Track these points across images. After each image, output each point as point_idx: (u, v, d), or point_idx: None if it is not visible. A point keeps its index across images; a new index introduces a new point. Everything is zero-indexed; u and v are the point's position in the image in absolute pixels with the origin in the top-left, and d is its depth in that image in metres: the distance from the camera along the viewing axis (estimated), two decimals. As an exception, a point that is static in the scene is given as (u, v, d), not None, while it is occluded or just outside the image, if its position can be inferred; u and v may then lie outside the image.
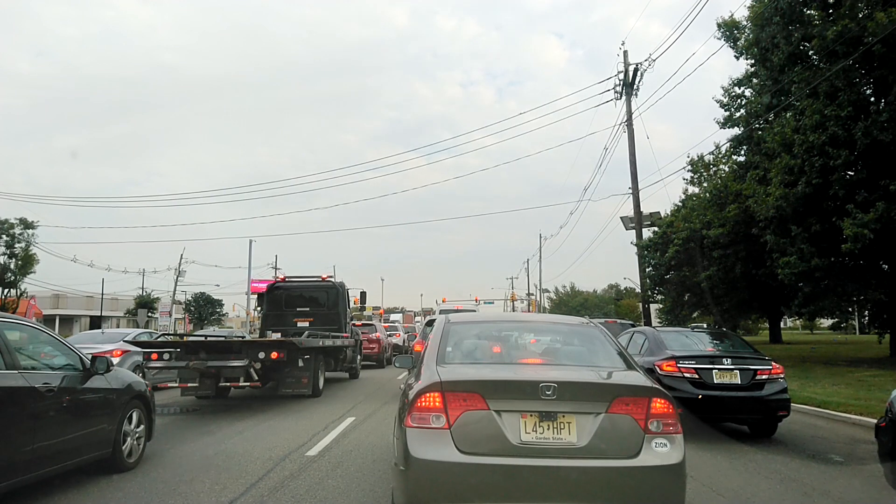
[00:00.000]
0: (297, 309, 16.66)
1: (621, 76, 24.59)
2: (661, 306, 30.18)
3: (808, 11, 18.58)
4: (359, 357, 18.71)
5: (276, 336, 14.23)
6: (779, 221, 18.21)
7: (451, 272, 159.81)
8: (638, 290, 31.60)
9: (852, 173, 18.05)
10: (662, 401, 3.83)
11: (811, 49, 18.61)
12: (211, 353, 11.16)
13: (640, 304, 29.68)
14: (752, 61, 22.34)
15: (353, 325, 19.31)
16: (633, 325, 15.71)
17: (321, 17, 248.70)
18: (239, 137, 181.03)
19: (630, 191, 24.68)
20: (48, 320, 49.78)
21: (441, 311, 21.53)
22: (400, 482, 3.85)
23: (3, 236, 39.18)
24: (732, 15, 22.82)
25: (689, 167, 26.38)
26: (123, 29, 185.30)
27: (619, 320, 19.98)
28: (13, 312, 33.15)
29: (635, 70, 24.02)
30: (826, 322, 48.25)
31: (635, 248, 25.68)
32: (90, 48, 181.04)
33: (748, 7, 20.92)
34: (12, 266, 39.47)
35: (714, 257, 22.74)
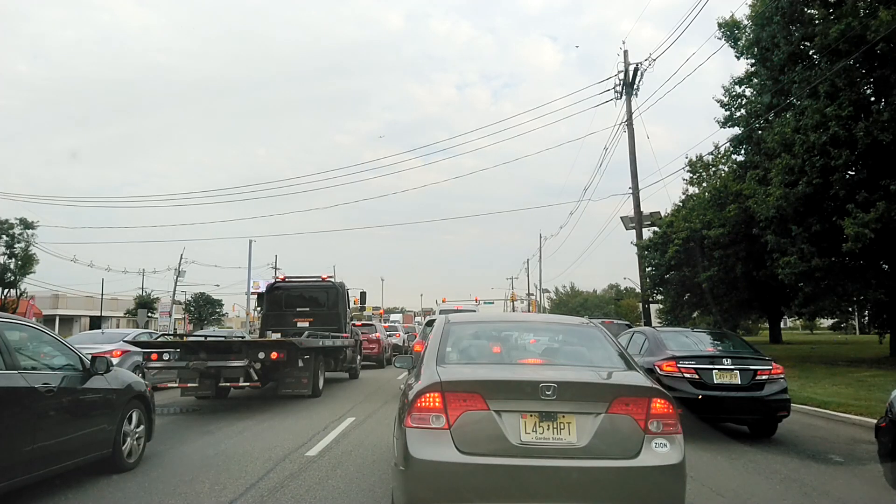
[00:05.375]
0: (297, 309, 16.66)
1: (621, 76, 24.60)
2: (661, 306, 30.15)
3: (809, 11, 18.59)
4: (359, 357, 18.70)
5: (276, 336, 14.22)
6: (779, 221, 18.20)
7: (451, 272, 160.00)
8: (638, 290, 31.60)
9: (853, 173, 18.05)
10: (662, 401, 3.83)
11: (812, 48, 18.61)
12: (211, 353, 11.15)
13: (640, 304, 29.65)
14: (753, 61, 22.33)
15: (353, 325, 19.31)
16: (629, 326, 15.71)
17: (316, 19, 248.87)
18: (236, 138, 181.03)
19: (630, 191, 24.70)
20: (48, 320, 49.80)
21: (441, 312, 21.51)
22: (400, 482, 3.85)
23: (3, 236, 39.18)
24: (733, 15, 22.86)
25: (688, 168, 26.38)
26: (119, 31, 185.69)
27: (615, 320, 19.92)
28: (13, 312, 33.14)
29: (635, 70, 24.03)
30: (826, 322, 48.29)
31: (635, 248, 25.68)
32: (87, 50, 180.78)
33: (749, 6, 20.94)
34: (12, 266, 39.48)
35: (714, 257, 22.73)
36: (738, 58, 23.03)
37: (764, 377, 8.31)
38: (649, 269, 26.18)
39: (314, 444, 7.74)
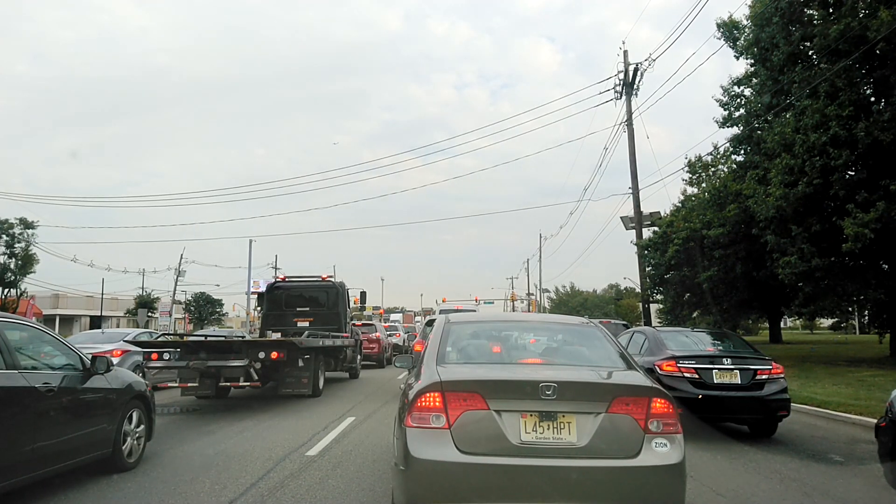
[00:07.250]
0: (297, 309, 16.66)
1: (621, 76, 24.60)
2: (661, 306, 30.15)
3: (809, 11, 18.59)
4: (359, 357, 18.70)
5: (277, 336, 14.22)
6: (779, 221, 18.20)
7: (451, 272, 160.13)
8: (638, 290, 31.55)
9: (853, 173, 18.05)
10: (662, 401, 3.83)
11: (811, 49, 18.61)
12: (211, 353, 11.15)
13: (640, 304, 29.65)
14: (752, 61, 22.33)
15: (353, 325, 19.30)
16: (626, 326, 15.70)
17: (314, 20, 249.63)
18: (235, 138, 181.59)
19: (630, 190, 24.70)
20: (48, 320, 49.77)
21: (441, 311, 21.50)
22: (400, 482, 3.85)
23: (3, 236, 39.22)
24: (731, 15, 22.87)
25: (688, 168, 26.35)
26: (118, 32, 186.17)
27: (612, 320, 19.92)
28: (13, 312, 33.13)
29: (635, 70, 24.03)
30: (826, 322, 48.31)
31: (635, 248, 25.68)
32: (87, 51, 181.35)
33: (748, 6, 20.94)
34: (12, 266, 39.49)
35: (714, 257, 22.72)
36: (737, 58, 23.04)
37: (764, 377, 8.31)
38: (649, 268, 26.17)
39: (314, 443, 7.74)
